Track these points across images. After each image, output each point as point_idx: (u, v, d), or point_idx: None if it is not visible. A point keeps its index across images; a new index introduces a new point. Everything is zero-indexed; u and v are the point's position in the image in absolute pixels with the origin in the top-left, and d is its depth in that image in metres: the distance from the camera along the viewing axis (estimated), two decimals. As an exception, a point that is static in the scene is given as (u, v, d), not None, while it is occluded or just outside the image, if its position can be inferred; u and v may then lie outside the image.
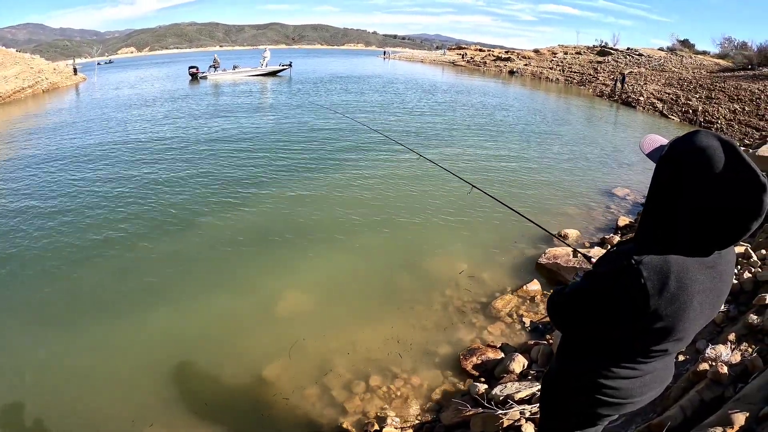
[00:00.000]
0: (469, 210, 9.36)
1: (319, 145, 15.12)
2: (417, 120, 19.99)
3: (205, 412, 4.68)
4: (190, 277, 7.14)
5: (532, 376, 4.69)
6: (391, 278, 7.08)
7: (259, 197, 10.26)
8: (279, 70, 41.88)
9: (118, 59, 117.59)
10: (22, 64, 33.72)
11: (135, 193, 10.54)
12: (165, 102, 25.76)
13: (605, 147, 16.35)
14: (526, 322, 5.93)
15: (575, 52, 51.15)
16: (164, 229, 8.63)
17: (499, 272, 7.21)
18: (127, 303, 6.48)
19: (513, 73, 48.12)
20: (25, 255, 7.80)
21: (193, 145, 15.17)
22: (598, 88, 34.80)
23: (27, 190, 10.95)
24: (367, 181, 11.47)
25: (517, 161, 13.71)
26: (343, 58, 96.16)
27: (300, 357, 5.38)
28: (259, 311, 6.31)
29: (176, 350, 5.56)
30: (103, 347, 5.66)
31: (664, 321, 1.54)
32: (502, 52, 62.70)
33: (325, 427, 4.51)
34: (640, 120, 23.74)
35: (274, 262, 7.53)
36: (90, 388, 5.02)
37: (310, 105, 23.40)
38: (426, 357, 5.38)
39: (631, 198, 10.61)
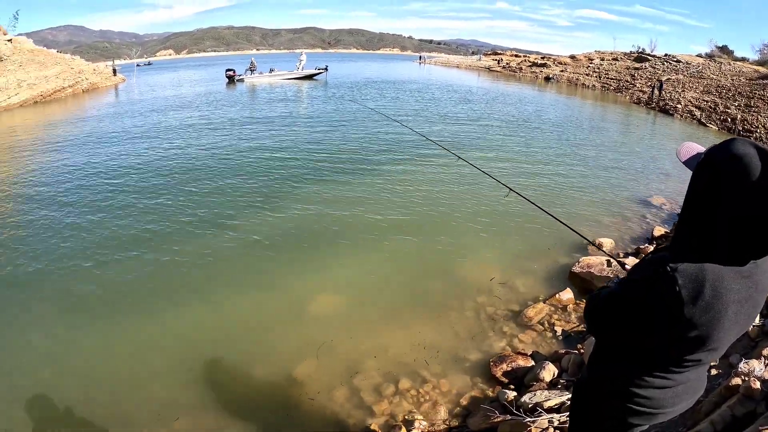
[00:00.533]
0: (502, 216, 9.33)
1: (353, 148, 15.22)
2: (453, 124, 19.97)
3: (233, 408, 4.75)
4: (223, 276, 7.26)
5: (561, 385, 4.64)
6: (424, 282, 7.07)
7: (293, 199, 10.37)
8: (315, 73, 42.21)
9: (156, 61, 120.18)
10: (63, 65, 34.67)
11: (170, 193, 10.76)
12: (202, 104, 26.24)
13: (642, 155, 16.08)
14: (558, 331, 5.87)
15: (612, 58, 50.26)
16: (199, 229, 8.78)
17: (531, 280, 7.15)
18: (161, 299, 6.63)
19: (549, 80, 47.65)
20: (63, 249, 8.04)
21: (228, 146, 15.43)
22: (635, 95, 34.21)
23: (66, 188, 11.28)
24: (402, 183, 11.50)
25: (551, 168, 13.58)
26: (379, 62, 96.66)
27: (330, 358, 5.42)
28: (291, 311, 6.38)
29: (207, 347, 5.66)
30: (135, 341, 5.81)
31: (698, 330, 1.53)
32: (538, 58, 62.11)
33: (352, 428, 4.54)
34: (677, 128, 23.28)
35: (306, 263, 7.60)
36: (121, 380, 5.15)
37: (345, 109, 23.57)
38: (456, 362, 5.37)
39: (668, 208, 10.41)
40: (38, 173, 12.63)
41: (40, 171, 12.86)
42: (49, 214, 9.51)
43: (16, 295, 6.79)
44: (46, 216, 9.43)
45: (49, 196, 10.71)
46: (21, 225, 9.06)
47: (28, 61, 31.46)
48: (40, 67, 31.79)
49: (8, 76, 28.79)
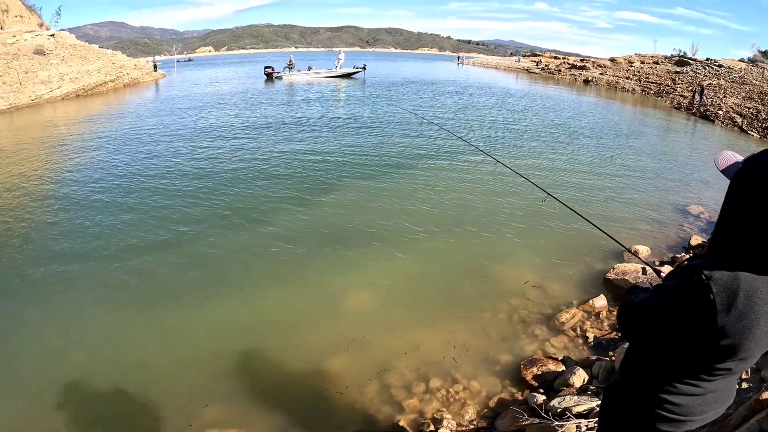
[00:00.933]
0: (538, 219, 9.27)
1: (391, 148, 15.31)
2: (490, 127, 19.89)
3: (262, 398, 4.86)
4: (258, 270, 7.41)
5: (591, 391, 4.62)
6: (457, 283, 7.10)
7: (329, 197, 10.50)
8: (353, 72, 42.40)
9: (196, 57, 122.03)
10: (105, 59, 35.69)
11: (207, 189, 10.98)
12: (240, 101, 26.66)
13: (681, 162, 15.75)
14: (590, 337, 5.83)
15: (652, 62, 49.27)
16: (235, 223, 8.99)
17: (565, 285, 7.11)
18: (196, 291, 6.80)
19: (588, 82, 46.89)
20: (101, 242, 8.31)
21: (266, 143, 15.69)
22: (675, 100, 33.40)
23: (104, 182, 11.64)
24: (438, 184, 11.54)
25: (588, 172, 13.42)
26: (417, 62, 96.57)
27: (361, 353, 5.49)
28: (324, 306, 6.48)
29: (239, 338, 5.80)
30: (170, 330, 6.00)
31: (729, 338, 1.52)
32: (578, 60, 61.32)
33: (380, 423, 4.59)
34: (718, 135, 22.67)
35: (340, 260, 7.70)
36: (153, 367, 5.33)
37: (383, 108, 23.66)
38: (486, 363, 5.39)
39: (706, 217, 10.20)
40: (77, 166, 13.07)
41: (79, 164, 13.31)
42: (89, 207, 9.86)
43: (57, 283, 7.06)
44: (86, 208, 9.78)
45: (88, 189, 11.09)
46: (62, 217, 9.42)
47: (71, 56, 32.49)
48: (82, 62, 32.80)
49: (51, 70, 29.77)
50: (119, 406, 4.81)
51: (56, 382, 5.01)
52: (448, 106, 25.80)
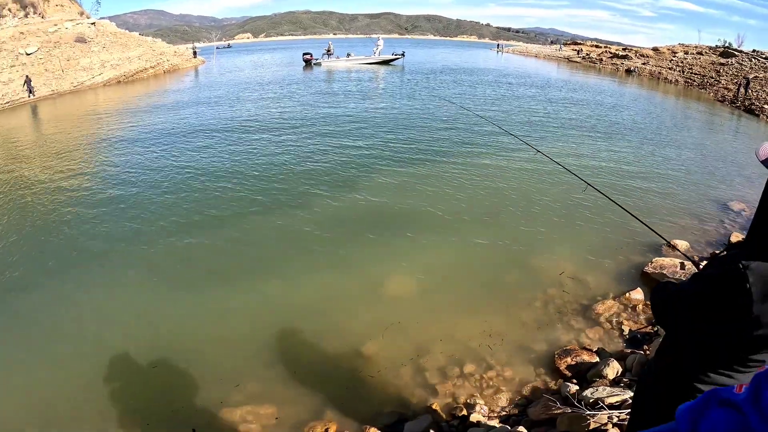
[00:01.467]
0: (577, 210, 9.23)
1: (431, 136, 15.32)
2: (529, 116, 19.71)
3: (298, 377, 5.03)
4: (300, 252, 7.60)
5: (624, 383, 4.62)
6: (495, 271, 7.16)
7: (370, 184, 10.63)
8: (392, 59, 42.31)
9: (235, 44, 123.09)
10: (145, 47, 36.46)
11: (250, 175, 11.21)
12: (280, 87, 26.91)
13: (723, 157, 15.34)
14: (625, 330, 5.82)
15: (696, 52, 47.64)
16: (280, 204, 9.25)
17: (602, 276, 7.09)
18: (239, 271, 7.04)
19: (630, 72, 45.72)
20: (151, 214, 8.74)
21: (308, 128, 15.90)
22: (719, 93, 32.30)
23: (152, 162, 12.04)
24: (478, 173, 11.55)
25: (629, 164, 13.21)
26: (456, 49, 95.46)
27: (398, 337, 5.61)
28: (363, 290, 6.62)
29: (281, 316, 6.01)
30: (213, 306, 6.26)
31: (765, 329, 1.51)
32: (620, 50, 59.85)
33: (414, 406, 4.70)
34: (762, 129, 21.89)
35: (381, 245, 7.84)
36: (197, 341, 5.59)
37: (422, 95, 23.60)
38: (521, 352, 5.44)
39: (747, 213, 9.95)
40: (117, 152, 13.50)
41: (119, 151, 13.73)
42: (135, 192, 10.21)
43: (104, 255, 7.43)
44: (134, 193, 10.14)
45: (134, 176, 11.46)
46: (104, 202, 9.77)
47: (111, 43, 33.31)
48: (123, 49, 33.59)
49: (92, 57, 30.59)
50: (162, 376, 5.07)
51: (95, 358, 5.28)
52: (486, 95, 25.59)
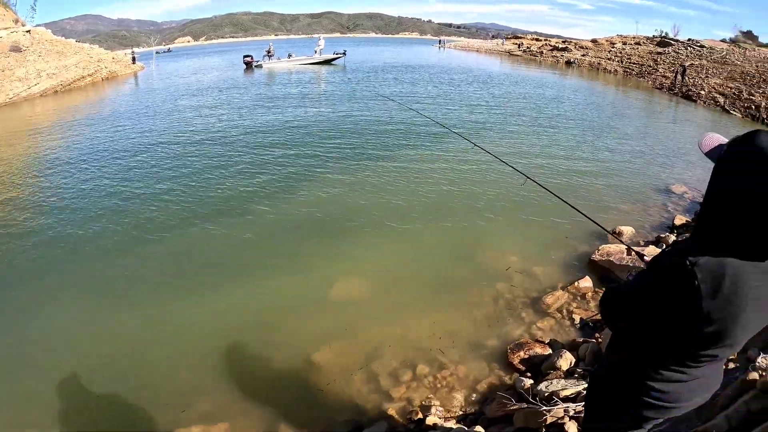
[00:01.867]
0: (522, 203, 9.29)
1: (372, 135, 15.23)
2: (471, 111, 19.84)
3: (251, 391, 4.83)
4: (245, 260, 7.37)
5: (578, 374, 4.63)
6: (442, 269, 7.10)
7: (313, 186, 10.42)
8: (333, 58, 42.23)
9: (175, 48, 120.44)
10: (82, 54, 35.10)
11: (192, 180, 10.88)
12: (221, 91, 26.33)
13: (664, 142, 15.82)
14: (576, 319, 5.85)
15: (634, 43, 49.45)
16: (220, 215, 8.89)
17: (550, 267, 7.13)
18: (185, 282, 6.76)
19: (570, 64, 46.96)
20: (87, 233, 8.24)
21: (248, 133, 15.53)
22: (657, 81, 33.54)
23: (87, 176, 11.49)
24: (421, 170, 11.49)
25: (572, 154, 13.45)
26: (398, 46, 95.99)
27: (348, 343, 5.48)
28: (312, 296, 6.45)
29: (229, 330, 5.76)
30: (158, 323, 5.96)
31: (715, 325, 1.51)
32: (560, 42, 61.33)
33: (369, 413, 4.58)
34: (700, 115, 22.81)
35: (327, 248, 7.68)
36: (143, 361, 5.29)
37: (363, 94, 23.50)
38: (474, 349, 5.39)
39: (689, 196, 10.26)
40: (56, 166, 12.80)
41: (58, 163, 13.04)
42: (71, 207, 9.68)
43: (41, 279, 6.98)
44: (68, 208, 9.60)
45: (70, 184, 10.94)
46: (45, 214, 9.28)
47: (48, 52, 31.93)
48: (59, 57, 32.25)
49: (28, 67, 29.26)
50: (109, 400, 4.76)
51: (46, 377, 4.99)
52: (428, 91, 25.68)
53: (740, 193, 1.43)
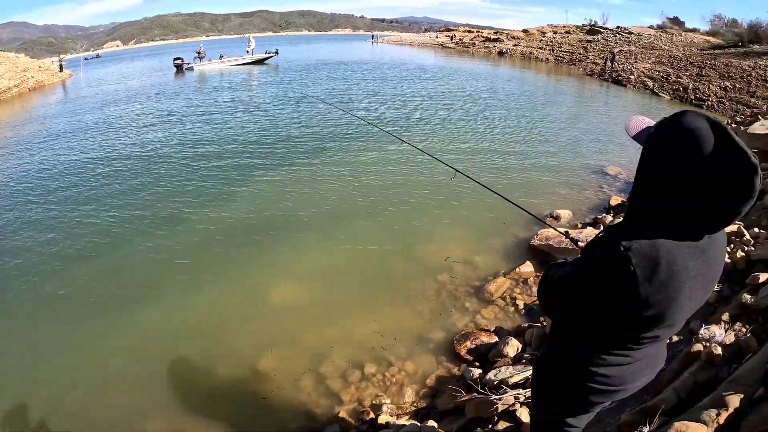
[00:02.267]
0: (459, 194, 9.32)
1: (304, 136, 14.92)
2: (404, 106, 19.77)
3: (201, 406, 4.68)
4: (181, 273, 7.07)
5: (525, 359, 4.68)
6: (383, 266, 7.05)
7: (245, 191, 10.14)
8: (265, 58, 41.60)
9: (104, 53, 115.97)
10: (7, 64, 33.37)
11: (118, 191, 10.41)
12: (150, 97, 25.36)
13: (596, 126, 16.29)
14: (520, 305, 5.93)
15: (564, 32, 50.77)
16: (154, 227, 8.53)
17: (491, 255, 7.19)
18: (118, 302, 6.41)
19: (502, 54, 47.71)
20: (8, 254, 7.75)
21: (179, 139, 14.94)
22: (588, 67, 34.54)
23: (13, 190, 10.85)
24: (354, 169, 11.35)
25: (507, 143, 13.64)
26: (331, 43, 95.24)
27: (294, 348, 5.38)
28: (252, 304, 6.28)
29: (170, 346, 5.54)
30: (95, 346, 5.63)
31: (654, 308, 1.51)
32: (491, 33, 62.25)
33: (321, 417, 4.52)
34: (630, 98, 23.65)
35: (264, 254, 7.48)
36: (83, 387, 5.00)
37: (295, 94, 23.09)
38: (420, 343, 5.38)
39: (623, 177, 10.59)
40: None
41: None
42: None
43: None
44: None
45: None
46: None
47: (-29, 63, 30.20)
48: (-18, 69, 30.54)
49: (-48, 80, 27.59)
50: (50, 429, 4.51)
51: None
52: (361, 87, 25.46)
53: (669, 174, 1.43)
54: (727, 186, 1.35)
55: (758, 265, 4.63)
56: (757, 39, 30.65)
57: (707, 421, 2.59)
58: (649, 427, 2.87)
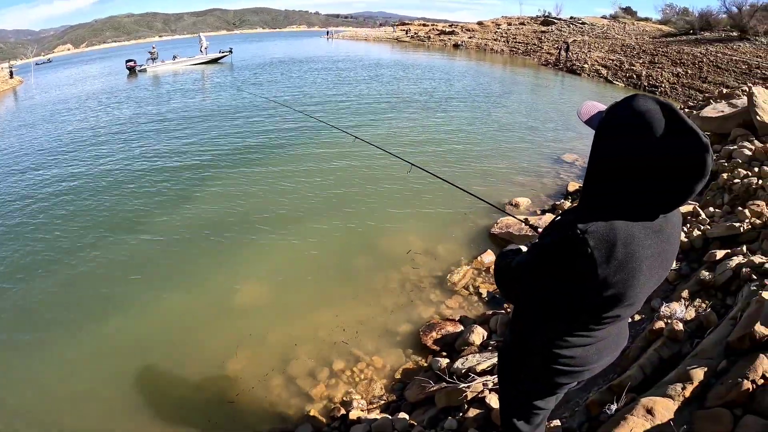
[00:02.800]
0: (417, 188, 9.36)
1: (258, 137, 14.65)
2: (360, 102, 19.63)
3: (170, 413, 4.62)
4: (140, 279, 6.92)
5: (492, 346, 4.75)
6: (346, 261, 7.05)
7: (202, 195, 9.93)
8: (219, 57, 40.96)
9: (56, 57, 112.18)
10: (-43, 73, 32.04)
11: (75, 199, 10.10)
12: (101, 101, 24.50)
13: (552, 115, 16.53)
14: (483, 293, 6.01)
15: (519, 23, 51.54)
16: (108, 235, 8.29)
17: (453, 245, 7.26)
18: (79, 314, 6.24)
19: (458, 47, 47.95)
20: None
21: (129, 145, 14.48)
22: (542, 57, 35.04)
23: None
24: (311, 169, 11.22)
25: (464, 135, 13.76)
26: (286, 40, 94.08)
27: (261, 348, 5.35)
28: (216, 306, 6.19)
29: (135, 355, 5.41)
30: (60, 361, 5.47)
31: (613, 288, 1.53)
32: (446, 26, 62.51)
33: (292, 417, 4.51)
34: (585, 86, 24.09)
35: (224, 257, 7.37)
36: (51, 404, 4.88)
37: (248, 95, 22.63)
38: (386, 336, 5.42)
39: (580, 163, 10.80)
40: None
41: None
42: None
43: None
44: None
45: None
46: None
47: None
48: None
49: None
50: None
51: None
52: (316, 84, 25.21)
53: (622, 157, 1.45)
54: (680, 166, 1.37)
55: (714, 242, 4.81)
56: (707, 27, 31.87)
57: (673, 395, 2.66)
58: (617, 404, 2.95)
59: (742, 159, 6.93)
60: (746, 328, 2.79)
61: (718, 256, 4.30)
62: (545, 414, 2.24)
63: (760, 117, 7.73)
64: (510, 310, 5.29)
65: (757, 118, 7.78)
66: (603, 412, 3.03)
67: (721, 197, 6.16)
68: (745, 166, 6.69)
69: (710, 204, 6.10)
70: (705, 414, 2.47)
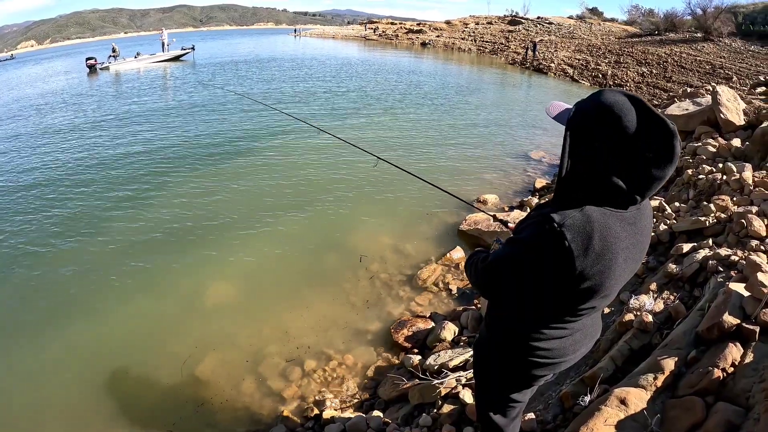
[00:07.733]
0: (385, 184, 9.40)
1: (221, 132, 14.43)
2: (327, 100, 19.46)
3: (140, 420, 4.54)
4: (106, 284, 6.73)
5: (463, 342, 4.80)
6: (314, 259, 7.01)
7: (166, 195, 9.68)
8: (181, 54, 40.11)
9: (19, 54, 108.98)
10: None
11: (33, 202, 9.72)
12: (61, 101, 23.57)
13: (519, 112, 16.74)
14: (453, 290, 6.05)
15: (486, 22, 51.87)
16: (71, 240, 8.05)
17: (421, 242, 7.30)
18: (44, 322, 6.03)
19: (425, 45, 47.99)
20: None
21: (89, 146, 13.97)
22: (510, 57, 35.35)
23: None
24: (276, 165, 11.11)
25: (432, 132, 13.83)
26: (253, 37, 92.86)
27: (231, 349, 5.29)
28: (183, 308, 6.10)
29: (100, 361, 5.29)
30: (20, 367, 5.33)
31: (590, 280, 1.55)
32: (414, 25, 62.61)
33: (265, 418, 4.48)
34: (552, 85, 24.40)
35: (190, 257, 7.24)
36: (11, 411, 4.75)
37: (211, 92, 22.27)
38: (357, 334, 5.42)
39: (547, 160, 10.96)
40: None
41: None
42: None
43: None
44: None
45: None
46: None
47: None
48: None
49: None
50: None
51: None
52: (282, 81, 24.95)
53: (593, 148, 1.48)
54: (650, 152, 1.42)
55: (681, 236, 4.93)
56: (672, 28, 32.80)
57: (645, 385, 2.71)
58: (590, 396, 3.00)
59: (706, 155, 7.11)
60: (715, 318, 2.86)
61: (684, 250, 4.41)
62: (521, 407, 2.28)
63: (723, 115, 7.96)
64: (481, 305, 5.36)
65: (721, 116, 8.01)
66: (577, 403, 3.08)
67: (687, 193, 6.30)
68: (709, 162, 6.86)
69: (676, 199, 6.23)
70: (677, 402, 2.53)
